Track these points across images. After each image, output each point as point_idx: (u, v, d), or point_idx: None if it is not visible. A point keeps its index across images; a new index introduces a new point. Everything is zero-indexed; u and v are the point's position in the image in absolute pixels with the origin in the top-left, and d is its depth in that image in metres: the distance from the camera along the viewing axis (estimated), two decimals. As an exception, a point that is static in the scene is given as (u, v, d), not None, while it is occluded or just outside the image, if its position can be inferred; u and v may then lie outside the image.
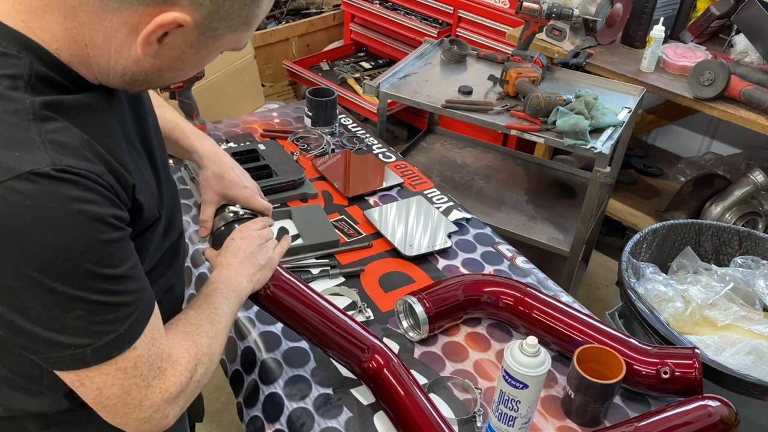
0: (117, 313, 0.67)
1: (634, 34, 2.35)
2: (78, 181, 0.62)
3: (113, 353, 0.67)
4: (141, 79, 0.70)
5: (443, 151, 2.28)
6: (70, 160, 0.62)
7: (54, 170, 0.60)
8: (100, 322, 0.65)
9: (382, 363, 1.03)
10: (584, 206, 1.79)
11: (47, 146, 0.61)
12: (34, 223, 0.59)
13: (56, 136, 0.62)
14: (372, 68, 3.33)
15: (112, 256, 0.66)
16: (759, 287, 1.56)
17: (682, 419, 0.98)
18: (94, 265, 0.63)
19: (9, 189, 0.58)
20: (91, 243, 0.63)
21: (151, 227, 0.79)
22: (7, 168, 0.59)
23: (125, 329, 0.68)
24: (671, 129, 2.97)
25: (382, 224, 1.45)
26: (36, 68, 0.64)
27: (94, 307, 0.64)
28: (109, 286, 0.65)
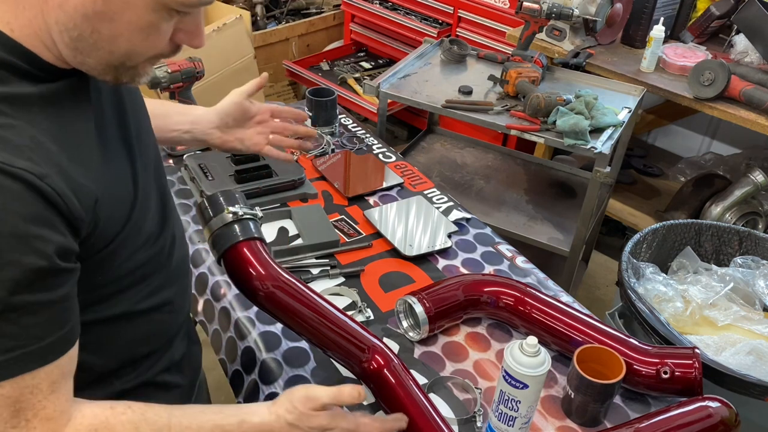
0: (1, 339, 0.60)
1: (634, 34, 2.35)
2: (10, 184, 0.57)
3: None
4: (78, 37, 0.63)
5: (443, 151, 2.28)
6: (5, 155, 0.58)
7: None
8: None
9: (382, 363, 1.03)
10: (584, 206, 1.79)
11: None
12: None
13: (2, 131, 0.59)
14: (372, 68, 3.33)
15: (17, 282, 0.59)
16: (759, 287, 1.56)
17: (682, 420, 0.98)
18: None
19: None
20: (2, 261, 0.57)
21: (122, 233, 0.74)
22: None
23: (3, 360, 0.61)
24: (671, 129, 2.97)
25: (382, 224, 1.45)
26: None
27: None
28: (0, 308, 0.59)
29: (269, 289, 1.01)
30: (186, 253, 0.98)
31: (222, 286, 1.28)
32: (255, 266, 1.01)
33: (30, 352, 0.62)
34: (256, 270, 1.01)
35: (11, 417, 0.63)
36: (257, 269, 1.01)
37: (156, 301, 0.85)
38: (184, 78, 1.64)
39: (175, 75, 1.62)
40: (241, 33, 2.96)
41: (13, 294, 0.59)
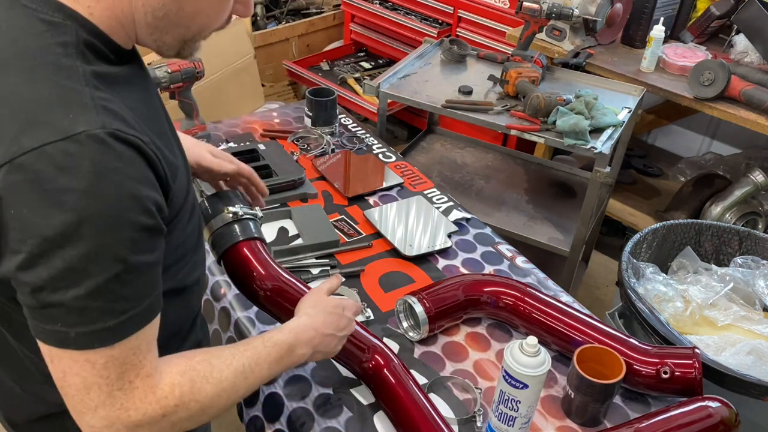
0: (114, 304, 0.64)
1: (634, 34, 2.35)
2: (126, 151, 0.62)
3: (94, 344, 0.64)
4: (163, 16, 0.69)
5: (443, 151, 2.28)
6: (120, 125, 0.63)
7: (105, 133, 0.61)
8: (96, 307, 0.63)
9: (382, 363, 1.03)
10: (584, 206, 1.79)
11: (99, 110, 0.62)
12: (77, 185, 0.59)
13: (107, 103, 0.63)
14: (372, 68, 3.33)
15: (139, 243, 0.64)
16: (759, 287, 1.56)
17: (682, 420, 0.98)
18: (114, 244, 0.62)
19: (61, 150, 0.59)
20: (120, 219, 0.62)
21: (184, 205, 0.79)
22: (61, 128, 0.59)
23: (114, 324, 0.65)
24: (671, 129, 2.97)
25: (382, 224, 1.45)
26: (81, 36, 0.65)
27: (97, 289, 0.62)
28: (119, 270, 0.63)
29: (269, 289, 1.01)
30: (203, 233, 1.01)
31: (222, 286, 1.28)
32: (255, 266, 1.01)
33: (138, 314, 0.66)
34: (256, 270, 1.01)
35: (117, 378, 0.67)
36: (257, 269, 1.01)
37: (193, 278, 0.88)
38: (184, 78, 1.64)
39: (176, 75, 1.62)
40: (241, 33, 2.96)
41: (134, 253, 0.63)
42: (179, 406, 0.72)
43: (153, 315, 0.70)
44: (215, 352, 0.79)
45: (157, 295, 0.70)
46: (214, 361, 0.78)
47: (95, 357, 0.65)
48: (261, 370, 0.82)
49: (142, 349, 0.69)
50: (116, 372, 0.67)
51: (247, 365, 0.80)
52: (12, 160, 0.59)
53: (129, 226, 0.62)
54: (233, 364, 0.79)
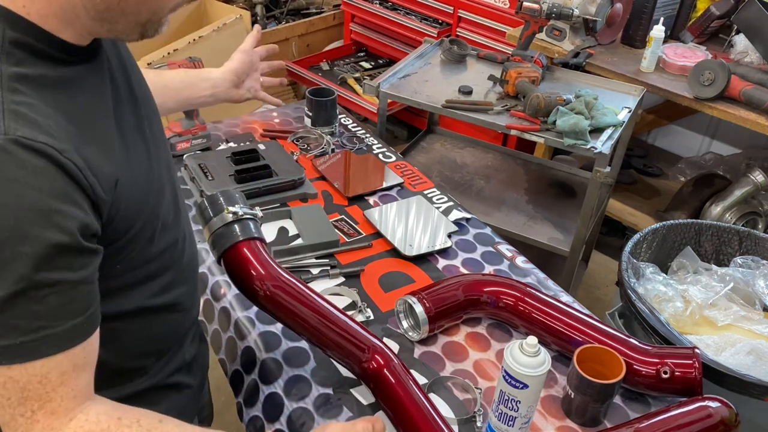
0: (20, 321, 0.59)
1: (634, 34, 2.35)
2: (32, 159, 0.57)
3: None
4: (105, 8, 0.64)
5: (443, 151, 2.28)
6: (26, 130, 0.57)
7: (7, 139, 0.56)
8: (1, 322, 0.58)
9: (382, 363, 1.03)
10: (584, 206, 1.79)
11: (6, 114, 0.57)
12: None
13: (20, 107, 0.58)
14: (372, 68, 3.33)
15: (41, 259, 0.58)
16: (759, 287, 1.56)
17: (682, 420, 0.98)
18: (13, 257, 0.56)
19: None
20: (20, 233, 0.56)
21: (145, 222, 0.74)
22: None
23: (20, 342, 0.59)
24: (671, 129, 2.97)
25: (382, 224, 1.45)
26: (9, 35, 0.61)
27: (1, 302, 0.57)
28: (22, 287, 0.58)
29: (269, 289, 1.01)
30: (195, 252, 0.99)
31: (222, 286, 1.28)
32: (255, 266, 1.01)
33: (45, 336, 0.60)
34: (256, 270, 1.01)
35: (18, 404, 0.61)
36: (257, 269, 1.01)
37: (168, 299, 0.85)
38: (184, 78, 1.64)
39: (175, 75, 1.62)
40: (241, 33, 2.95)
41: (37, 271, 0.58)
42: None
43: (72, 342, 0.63)
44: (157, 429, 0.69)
45: (80, 321, 0.63)
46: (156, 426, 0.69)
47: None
48: None
49: (51, 379, 0.62)
50: (16, 396, 0.61)
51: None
52: None
53: (32, 241, 0.57)
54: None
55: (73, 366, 0.64)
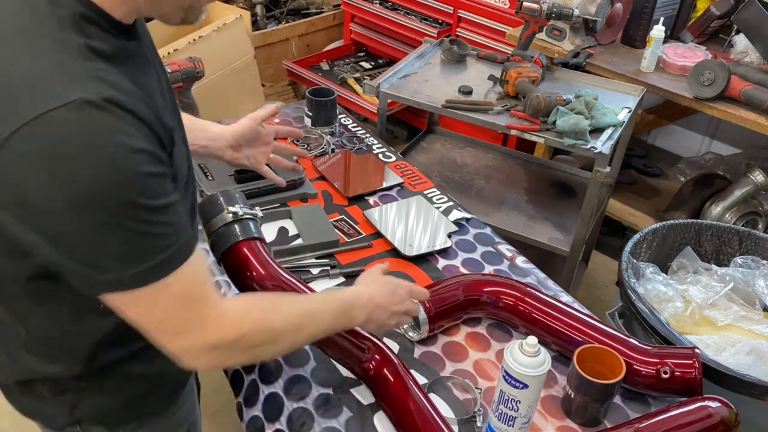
0: (157, 242, 0.70)
1: (634, 34, 2.35)
2: (122, 113, 0.65)
3: (150, 279, 0.70)
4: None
5: (443, 151, 2.28)
6: (114, 92, 0.65)
7: (101, 99, 0.64)
8: (140, 250, 0.68)
9: (382, 363, 1.03)
10: (584, 206, 1.79)
11: (94, 80, 0.65)
12: (81, 149, 0.63)
13: (101, 73, 0.66)
14: (372, 68, 3.33)
15: (152, 188, 0.68)
16: (759, 287, 1.56)
17: (682, 420, 0.98)
18: (135, 193, 0.66)
19: (59, 116, 0.62)
20: (132, 172, 0.66)
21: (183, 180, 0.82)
22: (58, 96, 0.62)
23: (165, 258, 0.70)
24: (671, 129, 2.97)
25: (382, 224, 1.45)
26: (78, 10, 0.67)
27: (135, 235, 0.67)
28: (149, 216, 0.68)
29: (269, 289, 1.01)
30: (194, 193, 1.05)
31: (222, 286, 1.28)
32: (255, 266, 1.01)
33: (179, 246, 0.72)
34: (256, 270, 1.01)
35: (186, 308, 0.75)
36: (257, 269, 1.01)
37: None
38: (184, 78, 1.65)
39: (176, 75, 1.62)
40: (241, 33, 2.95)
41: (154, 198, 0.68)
42: (252, 331, 0.80)
43: (193, 246, 0.75)
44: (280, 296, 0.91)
45: (189, 230, 0.75)
46: (281, 299, 0.89)
47: (157, 295, 0.71)
48: (324, 318, 0.91)
49: (199, 279, 0.76)
50: (182, 303, 0.74)
51: (310, 309, 0.90)
52: (16, 131, 0.62)
53: (138, 175, 0.66)
54: (299, 305, 0.89)
55: (202, 265, 0.78)
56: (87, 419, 0.90)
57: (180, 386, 0.98)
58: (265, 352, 0.85)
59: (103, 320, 0.80)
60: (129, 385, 0.89)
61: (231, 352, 0.80)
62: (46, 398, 0.87)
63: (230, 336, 0.78)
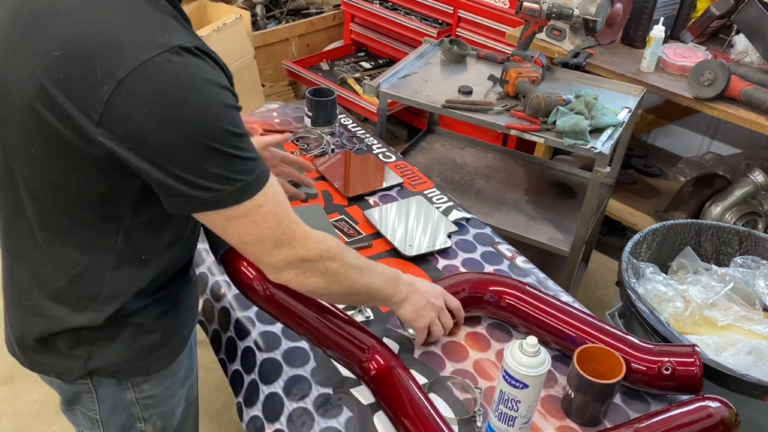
0: (245, 165, 0.79)
1: (634, 34, 2.35)
2: (209, 60, 0.78)
3: (243, 198, 0.80)
4: None
5: (443, 151, 2.28)
6: (200, 42, 0.78)
7: (193, 47, 0.75)
8: (233, 170, 0.78)
9: (382, 363, 1.03)
10: (584, 206, 1.79)
11: (183, 31, 0.77)
12: (184, 88, 0.73)
13: (183, 29, 0.78)
14: (372, 68, 3.33)
15: (238, 119, 0.79)
16: (759, 287, 1.56)
17: (682, 420, 0.98)
18: (227, 123, 0.76)
19: (165, 59, 0.72)
20: (224, 105, 0.77)
21: None
22: (162, 43, 0.73)
23: (253, 179, 0.80)
24: (671, 129, 2.97)
25: (382, 224, 1.45)
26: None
27: (229, 158, 0.77)
28: (237, 142, 0.78)
29: (269, 289, 1.01)
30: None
31: (222, 286, 1.28)
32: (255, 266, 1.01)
33: (262, 170, 0.82)
34: (256, 270, 1.01)
35: (277, 225, 0.85)
36: (257, 269, 1.01)
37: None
38: (184, 78, 1.65)
39: (175, 75, 1.62)
40: (241, 33, 2.96)
41: (239, 127, 0.78)
42: (331, 254, 0.91)
43: (269, 171, 0.84)
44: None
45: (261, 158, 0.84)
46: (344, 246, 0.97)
47: (252, 213, 0.82)
48: (381, 273, 1.03)
49: (281, 200, 0.85)
50: (274, 221, 0.84)
51: (371, 264, 1.01)
52: (130, 72, 0.71)
53: (228, 107, 0.77)
54: (362, 258, 0.99)
55: (280, 189, 0.86)
56: (98, 371, 0.94)
57: (183, 342, 1.02)
58: (335, 283, 0.93)
59: (142, 271, 0.89)
60: (140, 336, 0.94)
61: (313, 269, 0.90)
62: (62, 352, 0.92)
63: (315, 252, 0.89)
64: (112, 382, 0.97)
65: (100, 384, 0.96)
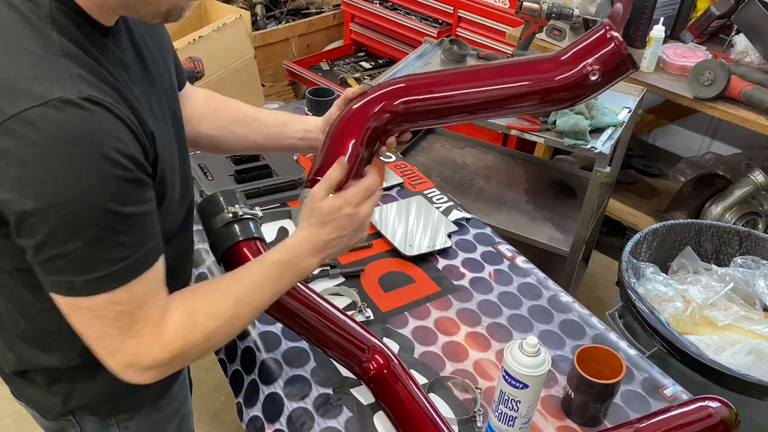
0: (115, 252, 0.68)
1: (634, 34, 2.35)
2: (101, 113, 0.65)
3: (99, 290, 0.69)
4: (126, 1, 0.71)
5: (443, 151, 2.28)
6: (94, 92, 0.66)
7: (80, 98, 0.64)
8: (97, 258, 0.68)
9: (382, 363, 1.03)
10: (584, 206, 1.79)
11: (74, 78, 0.65)
12: (54, 151, 0.62)
13: (81, 71, 0.66)
14: (372, 68, 3.33)
15: (127, 194, 0.67)
16: (759, 287, 1.56)
17: (682, 420, 0.98)
18: (108, 200, 0.65)
19: (36, 114, 0.62)
20: (109, 177, 0.65)
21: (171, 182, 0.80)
22: (38, 95, 0.63)
23: (119, 269, 0.69)
24: (671, 129, 2.97)
25: (382, 224, 1.45)
26: (57, 8, 0.67)
27: (93, 241, 0.66)
28: (112, 223, 0.67)
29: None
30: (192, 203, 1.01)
31: (222, 286, 1.28)
32: (255, 266, 1.00)
33: (138, 259, 0.71)
34: (256, 270, 1.01)
35: (128, 327, 0.73)
36: (257, 269, 1.00)
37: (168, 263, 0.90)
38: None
39: (175, 75, 1.62)
40: (241, 33, 2.95)
41: (123, 205, 0.67)
42: (186, 346, 0.78)
43: (153, 259, 0.73)
44: (213, 286, 0.84)
45: (155, 242, 0.74)
46: (213, 297, 0.82)
47: (102, 309, 0.70)
48: (263, 292, 0.86)
49: (148, 299, 0.73)
50: (126, 321, 0.72)
51: (246, 292, 0.84)
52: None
53: (114, 180, 0.65)
54: (232, 295, 0.83)
55: (157, 279, 0.75)
56: (80, 409, 0.91)
57: (172, 379, 0.99)
58: (206, 352, 0.84)
59: None
60: None
61: (170, 367, 0.78)
62: (42, 387, 0.89)
63: (163, 357, 0.76)
64: (95, 420, 0.93)
65: (83, 420, 0.93)
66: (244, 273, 0.86)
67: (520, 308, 1.28)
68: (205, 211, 1.04)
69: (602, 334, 1.23)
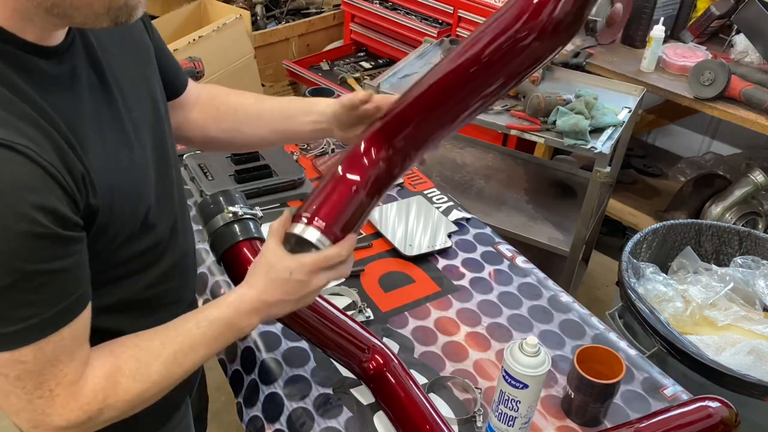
0: (17, 312, 0.62)
1: (634, 34, 2.35)
2: (14, 158, 0.58)
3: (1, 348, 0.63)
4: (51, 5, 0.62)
5: (443, 151, 2.28)
6: (10, 134, 0.58)
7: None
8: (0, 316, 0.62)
9: (381, 363, 1.03)
10: (584, 206, 1.79)
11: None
12: None
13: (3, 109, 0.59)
14: (372, 68, 3.33)
15: (36, 251, 0.61)
16: (759, 287, 1.56)
17: (682, 420, 0.98)
18: (10, 256, 0.59)
19: None
20: (14, 232, 0.58)
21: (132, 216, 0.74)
22: None
23: (25, 328, 0.63)
24: (671, 129, 2.97)
25: (382, 224, 1.45)
26: None
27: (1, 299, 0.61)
28: (20, 282, 0.61)
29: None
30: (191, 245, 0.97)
31: (222, 286, 1.28)
32: (255, 266, 1.00)
33: (47, 319, 0.64)
34: (256, 270, 1.01)
35: (35, 388, 0.66)
36: (257, 269, 1.00)
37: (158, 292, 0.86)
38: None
39: (175, 75, 1.62)
40: (241, 33, 2.95)
41: (31, 262, 0.61)
42: (104, 409, 0.71)
43: (69, 318, 0.67)
44: (144, 344, 0.76)
45: (72, 301, 0.67)
46: (142, 356, 0.75)
47: (6, 368, 0.64)
48: (197, 353, 0.79)
49: (61, 359, 0.67)
50: (32, 382, 0.66)
51: (179, 351, 0.77)
52: None
53: (20, 236, 0.59)
54: (163, 354, 0.76)
55: (75, 336, 0.68)
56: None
57: (174, 407, 0.97)
58: (133, 411, 0.76)
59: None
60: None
61: (85, 428, 0.72)
62: None
63: (77, 419, 0.70)
64: None
65: None
66: (179, 330, 0.79)
67: (520, 308, 1.28)
68: (205, 211, 1.04)
69: (602, 334, 1.23)
